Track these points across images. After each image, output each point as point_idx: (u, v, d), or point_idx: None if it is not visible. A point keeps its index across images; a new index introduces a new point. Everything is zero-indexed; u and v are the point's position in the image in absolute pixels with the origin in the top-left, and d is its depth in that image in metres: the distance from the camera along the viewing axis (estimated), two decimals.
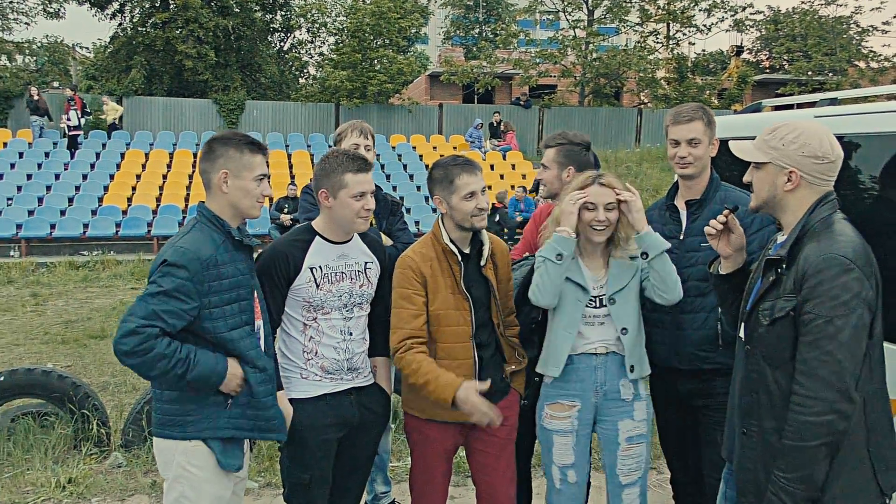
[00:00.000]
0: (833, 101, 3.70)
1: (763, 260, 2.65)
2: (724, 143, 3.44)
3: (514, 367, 3.53)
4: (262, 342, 3.07)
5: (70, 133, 22.60)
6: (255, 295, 3.07)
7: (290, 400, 3.26)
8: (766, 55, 40.12)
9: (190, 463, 2.90)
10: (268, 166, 3.14)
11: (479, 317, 3.40)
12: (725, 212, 2.83)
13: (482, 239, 3.45)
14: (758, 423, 2.55)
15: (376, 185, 4.19)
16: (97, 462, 5.36)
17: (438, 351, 3.35)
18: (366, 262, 3.42)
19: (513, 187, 20.85)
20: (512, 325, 3.57)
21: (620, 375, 3.35)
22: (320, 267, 3.27)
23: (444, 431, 3.41)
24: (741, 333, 2.70)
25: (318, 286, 3.25)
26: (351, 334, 3.35)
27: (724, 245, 2.86)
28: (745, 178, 2.70)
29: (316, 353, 3.30)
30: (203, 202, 3.04)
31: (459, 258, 3.36)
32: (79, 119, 22.83)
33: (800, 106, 4.27)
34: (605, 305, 3.33)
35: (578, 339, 3.34)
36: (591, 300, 3.33)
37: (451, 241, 3.37)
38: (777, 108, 4.46)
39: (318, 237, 3.32)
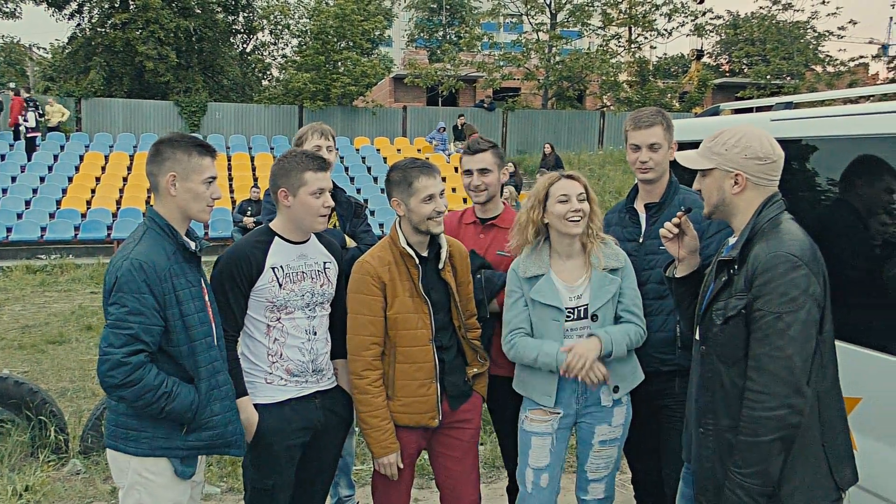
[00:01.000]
0: (789, 105, 3.76)
1: (716, 262, 2.71)
2: (682, 146, 3.48)
3: (476, 369, 3.54)
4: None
5: (28, 135, 22.15)
6: (207, 298, 3.03)
7: (256, 405, 3.24)
8: (725, 59, 40.71)
9: (147, 470, 2.86)
10: (230, 168, 3.09)
11: (438, 320, 3.41)
12: (679, 214, 2.89)
13: (440, 242, 3.45)
14: (714, 421, 2.60)
15: (340, 188, 4.20)
16: (55, 469, 5.27)
17: (398, 355, 3.36)
18: (325, 262, 3.42)
19: None
20: (473, 327, 3.59)
21: (600, 383, 3.33)
22: (282, 266, 3.26)
23: (406, 436, 3.41)
24: (696, 335, 2.75)
25: (280, 286, 3.24)
26: (315, 334, 3.35)
27: (678, 248, 2.92)
28: (695, 187, 2.77)
29: (281, 355, 3.28)
30: (152, 207, 2.98)
31: (417, 261, 3.36)
32: (36, 121, 22.40)
33: (759, 109, 4.32)
34: (585, 318, 3.32)
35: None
36: (569, 312, 3.32)
37: (409, 244, 3.37)
38: (737, 111, 4.51)
39: (277, 238, 3.30)
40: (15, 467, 5.24)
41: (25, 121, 21.99)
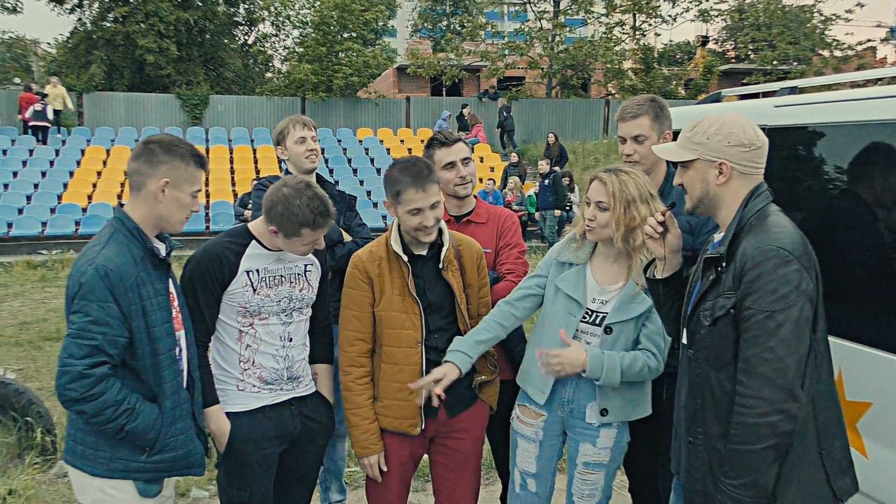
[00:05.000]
0: (793, 90, 3.59)
1: (702, 259, 2.55)
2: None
3: (484, 377, 3.37)
4: (184, 356, 2.88)
5: (33, 123, 21.86)
6: (175, 304, 2.87)
7: (227, 414, 3.10)
8: (731, 45, 40.38)
9: (112, 487, 2.71)
10: (232, 161, 2.91)
11: (434, 321, 3.23)
12: (662, 210, 2.68)
13: (442, 240, 3.26)
14: (703, 429, 2.44)
15: (329, 182, 4.06)
16: (41, 472, 5.14)
17: (383, 354, 3.22)
18: (305, 265, 3.26)
19: (481, 180, 20.69)
20: None
21: (590, 398, 3.15)
22: (257, 270, 3.10)
23: (395, 441, 3.26)
24: (684, 339, 2.59)
25: (254, 291, 3.08)
26: (291, 340, 3.19)
27: (660, 246, 2.70)
28: (676, 181, 2.59)
29: (253, 362, 3.13)
30: (122, 207, 2.79)
31: (406, 260, 3.19)
32: (46, 110, 22.17)
33: (766, 95, 4.15)
34: (598, 325, 3.10)
35: None
36: (586, 313, 3.12)
37: (404, 243, 3.20)
38: (743, 96, 4.35)
39: (254, 241, 3.13)
40: (1, 470, 5.11)
41: (36, 110, 21.78)
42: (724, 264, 2.39)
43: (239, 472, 3.11)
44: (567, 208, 17.88)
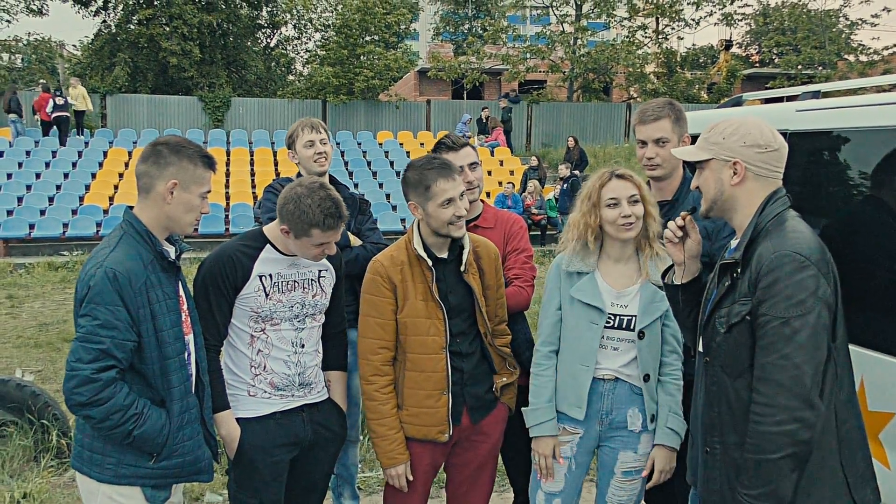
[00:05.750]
0: (816, 95, 3.51)
1: (718, 265, 2.49)
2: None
3: (505, 379, 3.31)
4: (192, 360, 2.85)
5: (55, 115, 22.01)
6: (185, 308, 2.83)
7: (238, 419, 3.06)
8: (755, 49, 40.10)
9: (119, 493, 2.68)
10: (252, 163, 2.87)
11: (456, 325, 3.17)
12: (683, 214, 2.64)
13: (462, 243, 3.21)
14: (720, 439, 2.39)
15: (342, 185, 4.01)
16: (56, 475, 5.14)
17: (407, 361, 3.16)
18: (319, 271, 3.21)
19: (500, 184, 20.64)
20: (503, 333, 3.36)
21: (629, 404, 3.08)
22: (270, 275, 3.06)
23: (419, 449, 3.20)
24: (700, 346, 2.54)
25: (267, 296, 3.04)
26: (303, 346, 3.15)
27: (679, 251, 2.66)
28: (693, 185, 2.56)
29: (265, 367, 3.09)
30: (131, 210, 2.76)
31: (430, 264, 3.13)
32: (66, 102, 22.30)
33: (790, 99, 4.07)
34: (627, 330, 3.04)
35: None
36: (610, 317, 3.06)
37: (425, 246, 3.15)
38: (767, 100, 4.27)
39: (268, 245, 3.09)
40: (16, 473, 5.12)
41: (57, 104, 21.94)
42: (739, 270, 2.34)
43: (248, 479, 3.08)
44: None
